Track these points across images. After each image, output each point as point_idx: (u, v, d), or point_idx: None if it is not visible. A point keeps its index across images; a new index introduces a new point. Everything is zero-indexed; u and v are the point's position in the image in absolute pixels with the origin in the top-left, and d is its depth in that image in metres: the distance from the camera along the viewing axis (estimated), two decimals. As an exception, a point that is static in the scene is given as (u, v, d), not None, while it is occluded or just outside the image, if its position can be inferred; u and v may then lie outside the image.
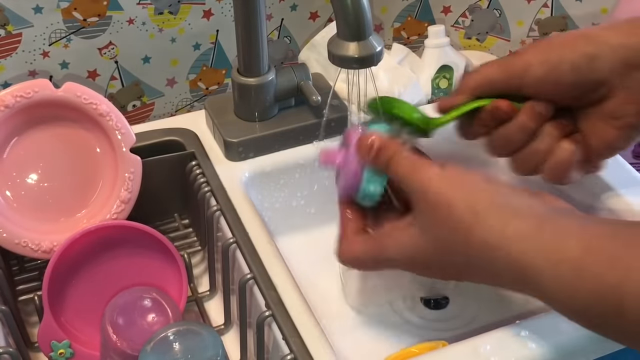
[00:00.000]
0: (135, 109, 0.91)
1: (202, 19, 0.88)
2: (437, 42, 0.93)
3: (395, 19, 0.99)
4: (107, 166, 0.75)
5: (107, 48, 0.85)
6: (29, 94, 0.71)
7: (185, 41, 0.88)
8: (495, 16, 0.96)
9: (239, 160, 0.79)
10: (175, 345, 0.60)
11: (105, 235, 0.70)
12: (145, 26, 0.85)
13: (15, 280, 0.77)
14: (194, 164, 0.79)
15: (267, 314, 0.63)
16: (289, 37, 0.94)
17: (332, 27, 0.80)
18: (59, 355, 0.68)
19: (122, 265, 0.71)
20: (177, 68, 0.90)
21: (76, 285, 0.70)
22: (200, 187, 0.77)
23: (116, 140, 0.74)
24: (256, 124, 0.80)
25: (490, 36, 0.98)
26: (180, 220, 0.84)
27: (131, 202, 0.74)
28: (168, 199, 0.83)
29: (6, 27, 0.80)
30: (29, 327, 0.74)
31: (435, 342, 0.69)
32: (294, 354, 0.60)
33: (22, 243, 0.71)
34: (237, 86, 0.80)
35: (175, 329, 0.61)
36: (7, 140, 0.73)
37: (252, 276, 0.66)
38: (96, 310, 0.70)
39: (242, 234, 0.70)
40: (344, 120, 0.82)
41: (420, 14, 0.99)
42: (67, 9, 0.81)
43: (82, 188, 0.75)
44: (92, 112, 0.73)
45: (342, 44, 0.64)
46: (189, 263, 0.74)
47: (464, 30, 0.99)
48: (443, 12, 0.99)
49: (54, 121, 0.74)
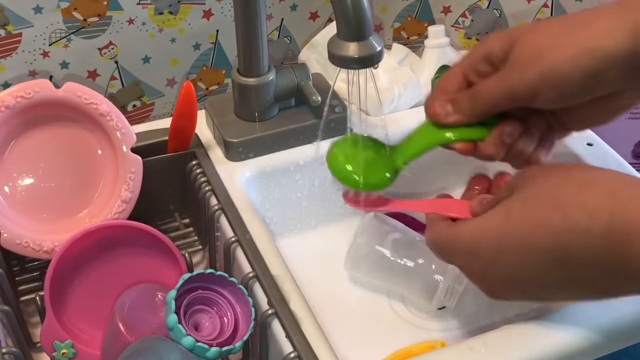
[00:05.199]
0: (135, 109, 0.91)
1: (202, 19, 0.88)
2: (437, 42, 0.92)
3: (395, 19, 0.99)
4: (108, 166, 0.75)
5: (107, 48, 0.85)
6: (30, 95, 0.71)
7: (185, 41, 0.88)
8: (495, 16, 0.96)
9: (239, 160, 0.80)
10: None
11: (107, 235, 0.70)
12: (145, 26, 0.85)
13: (16, 281, 0.77)
14: (194, 164, 0.79)
15: (269, 312, 0.63)
16: (289, 37, 0.94)
17: (332, 27, 0.80)
18: (62, 355, 0.68)
19: (123, 264, 0.71)
20: (177, 68, 0.90)
21: (78, 285, 0.70)
22: (201, 186, 0.77)
23: (117, 140, 0.74)
24: (256, 124, 0.81)
25: (489, 36, 0.98)
26: (180, 220, 0.84)
27: (132, 201, 0.74)
28: (168, 198, 0.83)
29: (6, 27, 0.80)
30: (30, 328, 0.74)
31: (434, 341, 0.69)
32: (297, 352, 0.60)
33: (23, 243, 0.71)
34: (237, 86, 0.80)
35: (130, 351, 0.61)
36: (8, 140, 0.73)
37: (254, 275, 0.67)
38: (98, 310, 0.70)
39: (243, 233, 0.70)
40: (343, 120, 0.82)
41: (420, 14, 0.99)
42: (67, 9, 0.81)
43: (83, 188, 0.75)
44: (93, 112, 0.73)
45: (342, 44, 0.64)
46: (189, 262, 0.74)
47: (463, 30, 0.99)
48: (443, 12, 0.99)
49: (54, 121, 0.74)
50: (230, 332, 0.65)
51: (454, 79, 0.61)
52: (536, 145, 0.60)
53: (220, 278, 0.65)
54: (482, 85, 0.59)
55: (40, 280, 0.75)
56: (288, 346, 0.61)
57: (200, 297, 0.65)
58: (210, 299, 0.66)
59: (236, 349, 0.63)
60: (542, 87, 0.56)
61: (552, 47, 0.55)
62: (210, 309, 0.66)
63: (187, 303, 0.64)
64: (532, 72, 0.56)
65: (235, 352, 0.64)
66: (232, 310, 0.66)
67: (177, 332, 0.61)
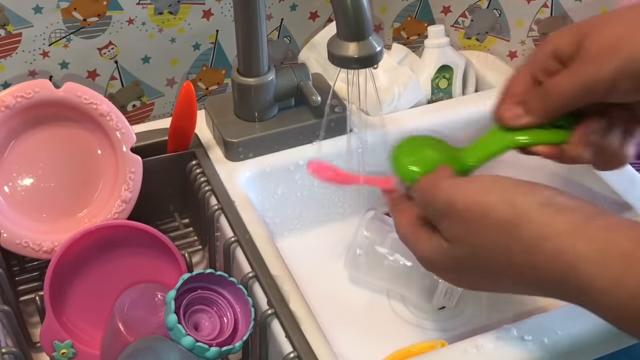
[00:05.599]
0: (135, 109, 0.91)
1: (202, 19, 0.88)
2: (437, 42, 0.93)
3: (395, 19, 0.99)
4: (108, 166, 0.75)
5: (107, 48, 0.85)
6: (30, 94, 0.71)
7: (185, 41, 0.88)
8: (495, 16, 0.96)
9: (238, 160, 0.80)
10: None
11: (106, 235, 0.70)
12: (145, 26, 0.85)
13: (16, 281, 0.77)
14: (194, 164, 0.79)
15: (269, 312, 0.63)
16: (289, 37, 0.94)
17: (332, 27, 0.80)
18: (62, 355, 0.68)
19: (123, 264, 0.71)
20: (176, 68, 0.90)
21: (77, 285, 0.70)
22: (201, 186, 0.77)
23: (117, 140, 0.74)
24: (256, 124, 0.81)
25: (490, 36, 0.98)
26: (180, 220, 0.84)
27: (132, 201, 0.74)
28: (168, 198, 0.83)
29: (6, 27, 0.80)
30: (30, 328, 0.74)
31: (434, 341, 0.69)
32: (297, 352, 0.60)
33: (23, 243, 0.71)
34: (237, 86, 0.80)
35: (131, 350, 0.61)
36: (8, 140, 0.73)
37: (254, 274, 0.66)
38: (98, 310, 0.70)
39: (243, 233, 0.70)
40: (343, 120, 0.82)
41: (420, 14, 0.99)
42: (67, 9, 0.81)
43: (83, 188, 0.75)
44: (93, 112, 0.73)
45: (342, 44, 0.64)
46: (189, 262, 0.74)
47: (463, 30, 0.99)
48: (443, 12, 0.99)
49: (54, 121, 0.74)
50: (229, 332, 0.65)
51: (522, 80, 0.58)
52: (621, 140, 0.57)
53: (220, 278, 0.65)
54: (553, 82, 0.56)
55: (40, 280, 0.75)
56: (288, 346, 0.61)
57: (200, 297, 0.65)
58: (210, 299, 0.66)
59: (236, 349, 0.63)
60: (621, 79, 0.53)
61: (630, 37, 0.53)
62: (210, 309, 0.66)
63: (186, 303, 0.64)
64: (610, 63, 0.53)
65: (235, 352, 0.64)
66: (231, 310, 0.66)
67: (176, 332, 0.61)
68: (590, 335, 0.61)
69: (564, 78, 0.55)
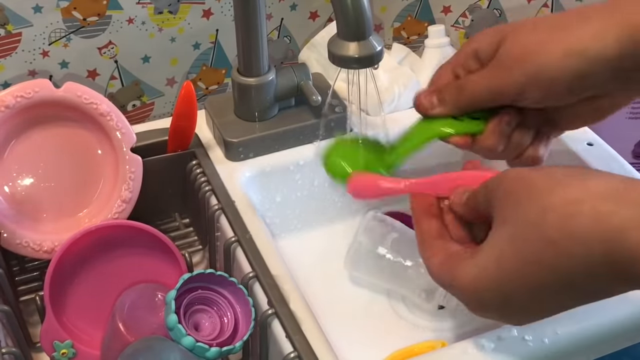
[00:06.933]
0: (135, 109, 0.91)
1: (201, 19, 0.88)
2: (437, 42, 0.92)
3: (395, 19, 0.99)
4: (108, 166, 0.75)
5: (107, 47, 0.85)
6: (30, 94, 0.71)
7: (185, 41, 0.88)
8: (495, 16, 0.96)
9: (239, 160, 0.80)
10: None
11: (107, 234, 0.70)
12: (145, 26, 0.85)
13: (16, 281, 0.77)
14: (194, 164, 0.79)
15: (269, 312, 0.63)
16: (289, 37, 0.94)
17: (332, 27, 0.80)
18: (62, 355, 0.68)
19: (123, 264, 0.71)
20: (176, 68, 0.90)
21: (78, 285, 0.70)
22: (201, 186, 0.77)
23: (117, 140, 0.74)
24: (256, 124, 0.81)
25: (489, 36, 0.98)
26: (180, 220, 0.84)
27: (132, 201, 0.74)
28: (168, 198, 0.83)
29: (6, 27, 0.80)
30: (30, 328, 0.74)
31: (434, 341, 0.69)
32: (297, 352, 0.60)
33: (23, 243, 0.71)
34: (237, 86, 0.80)
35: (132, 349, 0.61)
36: (8, 140, 0.73)
37: (254, 274, 0.66)
38: (98, 310, 0.70)
39: (243, 233, 0.70)
40: (343, 120, 0.82)
41: (420, 14, 0.99)
42: (67, 8, 0.81)
43: (83, 188, 0.75)
44: (93, 111, 0.73)
45: (342, 44, 0.64)
46: (189, 262, 0.74)
47: (463, 30, 0.99)
48: (443, 12, 0.99)
49: (54, 121, 0.74)
50: (230, 332, 0.65)
51: (444, 74, 0.61)
52: (532, 139, 0.60)
53: (220, 278, 0.65)
54: (468, 79, 0.59)
55: (40, 280, 0.75)
56: (288, 346, 0.61)
57: (200, 297, 0.65)
58: (210, 299, 0.66)
59: (236, 349, 0.63)
60: (529, 88, 0.55)
61: (540, 48, 0.54)
62: (210, 309, 0.66)
63: (187, 303, 0.64)
64: (519, 72, 0.55)
65: (235, 352, 0.64)
66: (232, 310, 0.66)
67: (177, 332, 0.61)
68: (590, 335, 0.61)
69: (477, 78, 0.58)
